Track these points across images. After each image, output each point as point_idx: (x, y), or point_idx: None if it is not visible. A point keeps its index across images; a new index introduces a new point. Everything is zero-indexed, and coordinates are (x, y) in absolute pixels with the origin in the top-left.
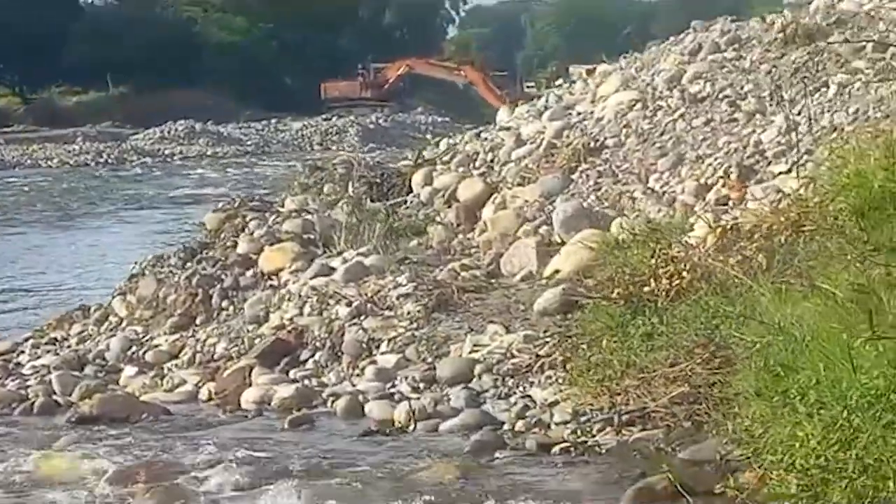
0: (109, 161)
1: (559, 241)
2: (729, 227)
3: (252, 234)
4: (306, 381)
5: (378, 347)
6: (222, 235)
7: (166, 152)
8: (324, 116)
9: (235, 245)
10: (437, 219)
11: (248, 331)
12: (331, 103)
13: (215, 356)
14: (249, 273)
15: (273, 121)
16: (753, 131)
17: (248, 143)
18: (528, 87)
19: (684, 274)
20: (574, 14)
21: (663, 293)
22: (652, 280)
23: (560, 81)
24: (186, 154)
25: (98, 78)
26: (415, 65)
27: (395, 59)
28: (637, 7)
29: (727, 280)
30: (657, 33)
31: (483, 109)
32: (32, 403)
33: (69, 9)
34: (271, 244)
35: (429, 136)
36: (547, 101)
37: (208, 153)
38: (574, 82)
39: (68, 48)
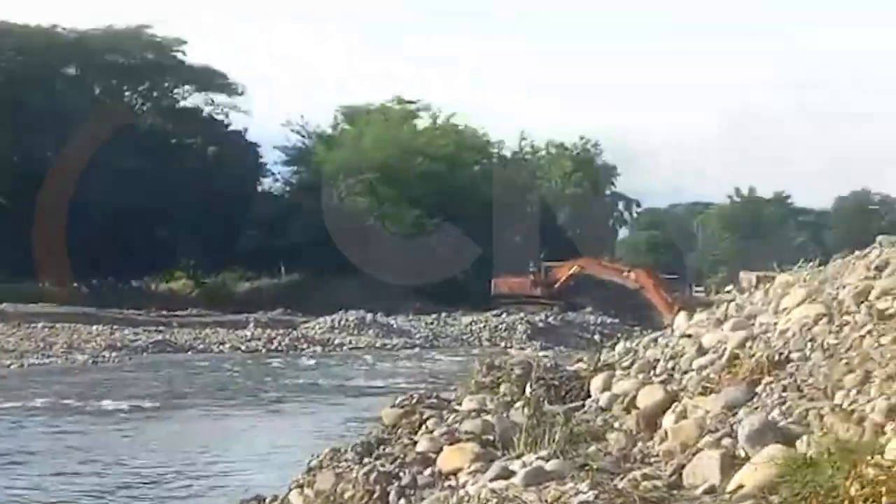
0: (280, 348)
1: (743, 454)
2: None
3: (432, 432)
4: None
5: None
6: (399, 431)
7: (336, 342)
8: (494, 312)
9: (414, 442)
10: (616, 425)
11: None
12: (501, 299)
13: None
14: (427, 472)
15: (443, 314)
16: None
17: (418, 335)
18: (697, 291)
19: (883, 499)
20: (746, 220)
21: None
22: (846, 502)
23: (730, 288)
24: (356, 344)
25: (270, 264)
26: (586, 265)
27: (567, 258)
28: (810, 216)
29: None
30: (829, 244)
31: (651, 312)
32: None
33: (245, 196)
34: (450, 444)
35: (597, 338)
36: (727, 309)
37: (377, 344)
38: (745, 289)
39: (242, 235)
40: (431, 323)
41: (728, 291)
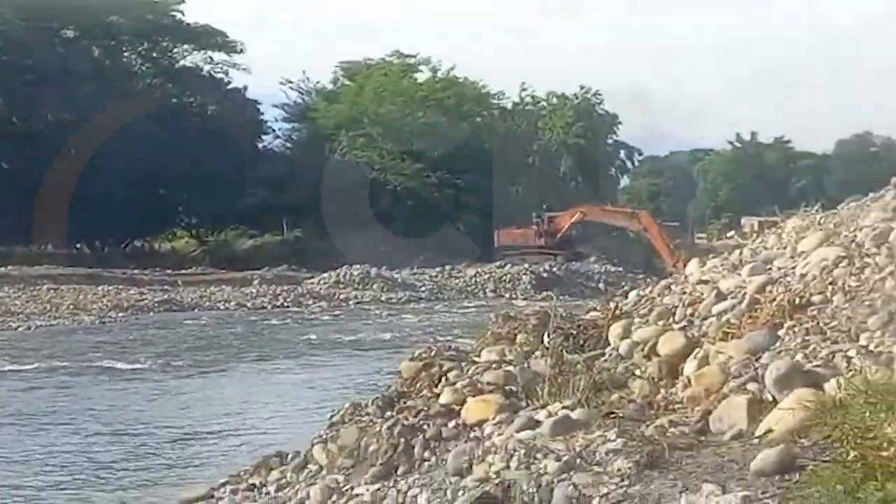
0: (286, 304)
1: (771, 399)
2: None
3: (454, 384)
4: None
5: None
6: (419, 384)
7: (341, 296)
8: (497, 264)
9: (436, 395)
10: (638, 372)
11: (450, 482)
12: (504, 250)
13: None
14: (452, 424)
15: (446, 267)
16: None
17: (422, 289)
18: (699, 237)
19: None
20: (746, 166)
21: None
22: (885, 443)
23: (732, 233)
24: (361, 299)
25: (273, 222)
26: (589, 212)
27: (569, 209)
28: (811, 160)
29: None
30: (830, 188)
31: (655, 259)
32: None
33: (247, 154)
34: (474, 395)
35: (601, 286)
36: (741, 254)
37: (383, 298)
38: (747, 235)
39: (245, 192)
40: (436, 276)
41: (730, 237)
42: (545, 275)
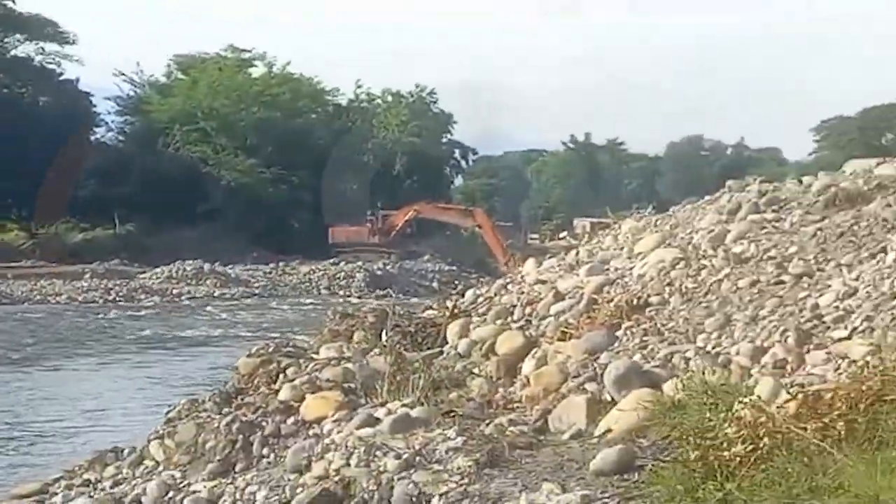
0: (118, 299)
1: (609, 399)
2: (810, 393)
3: (292, 381)
4: None
5: (429, 502)
6: (257, 381)
7: (174, 292)
8: (331, 261)
9: (275, 391)
10: (476, 371)
11: (289, 480)
12: (338, 248)
13: None
14: (290, 421)
15: (280, 263)
16: (809, 294)
17: (256, 285)
18: (531, 238)
19: (764, 440)
20: (579, 168)
21: (737, 459)
22: (725, 443)
23: (564, 234)
24: (194, 294)
25: (105, 215)
26: (423, 209)
27: (404, 207)
28: (643, 162)
29: (807, 447)
30: (662, 189)
31: (488, 259)
32: None
33: (78, 146)
34: (312, 392)
35: (435, 285)
36: (578, 254)
37: (216, 294)
38: (579, 236)
39: (76, 185)
40: (269, 272)
41: (562, 238)
42: (379, 273)
